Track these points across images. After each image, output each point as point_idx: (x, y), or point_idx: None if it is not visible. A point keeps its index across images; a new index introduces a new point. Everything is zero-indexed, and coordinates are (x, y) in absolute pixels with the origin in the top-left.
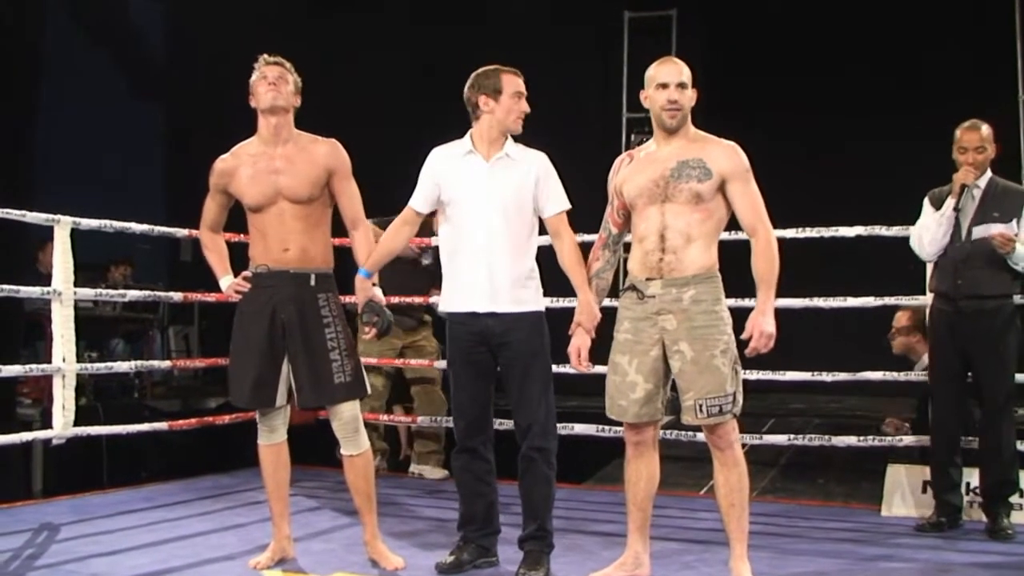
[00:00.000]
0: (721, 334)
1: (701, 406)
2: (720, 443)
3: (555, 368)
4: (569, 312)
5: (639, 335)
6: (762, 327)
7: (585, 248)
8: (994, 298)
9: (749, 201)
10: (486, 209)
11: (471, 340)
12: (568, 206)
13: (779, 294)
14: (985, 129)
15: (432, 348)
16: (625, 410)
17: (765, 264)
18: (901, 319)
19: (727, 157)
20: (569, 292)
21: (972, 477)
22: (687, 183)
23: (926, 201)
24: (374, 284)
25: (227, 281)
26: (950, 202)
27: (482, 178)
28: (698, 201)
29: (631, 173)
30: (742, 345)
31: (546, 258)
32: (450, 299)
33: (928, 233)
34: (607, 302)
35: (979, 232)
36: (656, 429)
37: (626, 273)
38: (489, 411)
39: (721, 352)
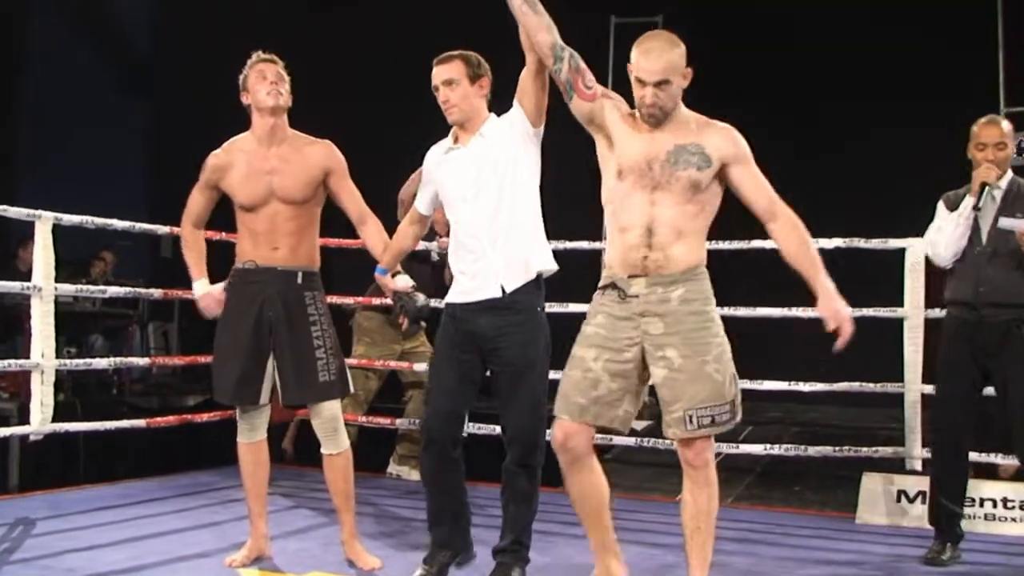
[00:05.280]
0: (713, 336)
1: (691, 417)
2: (696, 460)
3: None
4: (573, 317)
5: (614, 332)
6: (843, 312)
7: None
8: (1020, 307)
9: (757, 182)
10: (467, 197)
11: (459, 338)
12: None
13: (756, 304)
14: (1005, 124)
15: (429, 354)
16: (584, 408)
17: (805, 247)
18: None
19: (726, 141)
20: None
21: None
22: (685, 170)
23: (940, 204)
24: (396, 274)
25: (202, 285)
26: (969, 201)
27: (461, 168)
28: (695, 191)
29: (625, 129)
30: (766, 345)
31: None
32: (450, 293)
33: (943, 235)
34: (581, 307)
35: (1005, 224)
36: (591, 437)
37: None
38: (461, 410)
39: (715, 358)
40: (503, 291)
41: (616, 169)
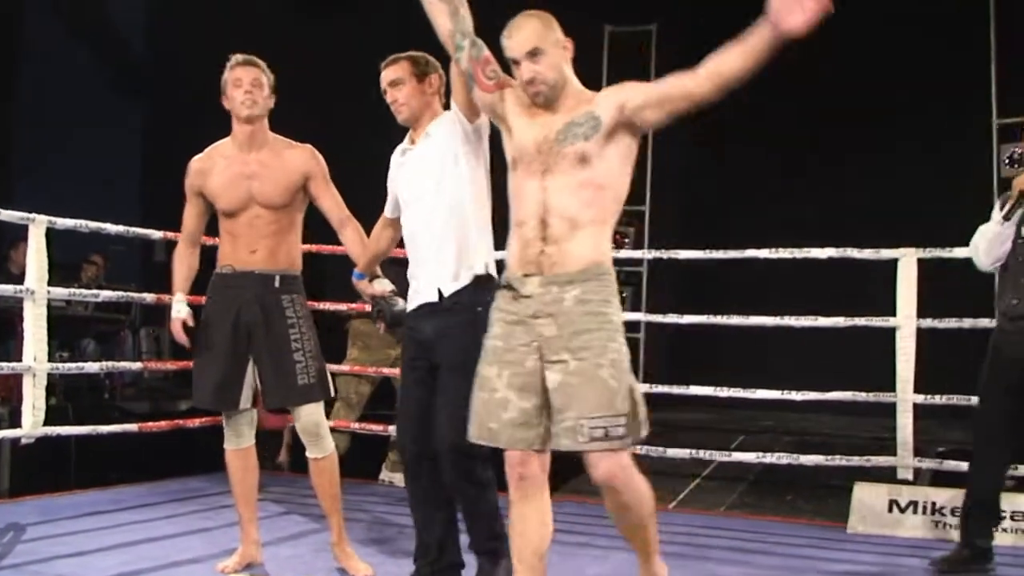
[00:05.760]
0: (611, 341)
1: (583, 427)
2: (611, 481)
3: None
4: None
5: (510, 341)
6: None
7: None
8: None
9: (665, 84)
10: (412, 199)
11: (413, 348)
12: None
13: (751, 312)
14: None
15: None
16: (496, 434)
17: (734, 46)
18: None
19: (617, 90)
20: None
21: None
22: (572, 145)
23: (996, 204)
24: (375, 278)
25: (180, 301)
26: (1007, 207)
27: (411, 170)
28: (583, 166)
29: (521, 116)
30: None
31: None
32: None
33: (984, 240)
34: None
35: None
36: (545, 461)
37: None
38: (430, 422)
39: (611, 363)
40: (440, 294)
41: (511, 159)
